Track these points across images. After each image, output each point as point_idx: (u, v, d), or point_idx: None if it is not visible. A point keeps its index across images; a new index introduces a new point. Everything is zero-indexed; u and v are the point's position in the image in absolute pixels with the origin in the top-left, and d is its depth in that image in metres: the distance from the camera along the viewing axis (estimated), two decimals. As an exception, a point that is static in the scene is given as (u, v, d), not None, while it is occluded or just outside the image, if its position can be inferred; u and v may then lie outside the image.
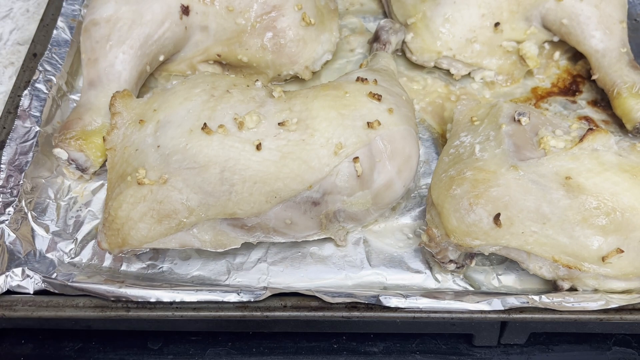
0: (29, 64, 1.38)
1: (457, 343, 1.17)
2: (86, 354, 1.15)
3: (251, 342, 1.16)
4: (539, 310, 1.04)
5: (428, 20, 1.41)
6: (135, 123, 1.15)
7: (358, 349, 1.16)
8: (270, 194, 1.06)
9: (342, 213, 1.13)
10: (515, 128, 1.12)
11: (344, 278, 1.16)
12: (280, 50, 1.36)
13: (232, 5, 1.34)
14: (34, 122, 1.26)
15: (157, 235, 1.07)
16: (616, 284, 1.06)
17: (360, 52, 1.52)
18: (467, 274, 1.16)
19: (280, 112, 1.12)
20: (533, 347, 1.16)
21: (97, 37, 1.29)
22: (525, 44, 1.41)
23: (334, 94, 1.14)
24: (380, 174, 1.10)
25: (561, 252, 1.04)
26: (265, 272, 1.17)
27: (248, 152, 1.06)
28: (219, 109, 1.11)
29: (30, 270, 1.08)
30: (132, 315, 1.04)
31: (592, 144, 1.07)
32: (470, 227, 1.03)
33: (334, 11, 1.46)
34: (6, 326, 1.12)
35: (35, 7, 1.64)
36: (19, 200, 1.18)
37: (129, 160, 1.12)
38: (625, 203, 1.02)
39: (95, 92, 1.27)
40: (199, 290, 1.06)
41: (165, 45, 1.33)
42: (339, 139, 1.08)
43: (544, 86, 1.46)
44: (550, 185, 1.04)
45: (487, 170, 1.06)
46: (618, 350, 1.16)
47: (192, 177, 1.06)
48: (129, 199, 1.07)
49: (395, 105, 1.14)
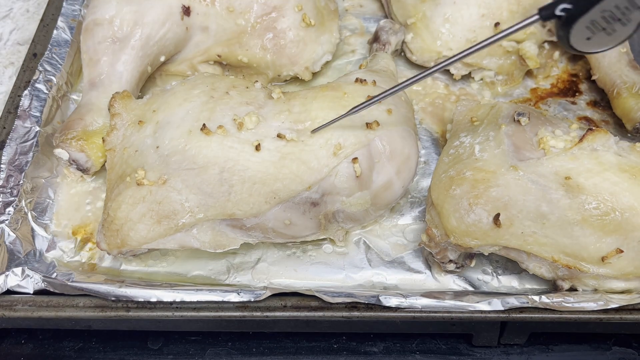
0: (29, 64, 1.38)
1: (457, 343, 1.17)
2: (86, 354, 1.15)
3: (251, 342, 1.17)
4: (539, 310, 1.04)
5: (428, 20, 1.41)
6: (135, 124, 1.15)
7: (358, 349, 1.16)
8: (270, 194, 1.06)
9: (341, 213, 1.13)
10: (514, 128, 1.12)
11: (344, 278, 1.16)
12: (281, 51, 1.36)
13: (232, 6, 1.34)
14: (34, 122, 1.27)
15: (156, 236, 1.07)
16: (616, 284, 1.06)
17: (360, 53, 1.52)
18: (466, 274, 1.16)
19: (280, 113, 1.12)
20: (533, 347, 1.16)
21: (98, 38, 1.29)
22: (525, 44, 1.41)
23: (333, 95, 1.14)
24: (379, 175, 1.11)
25: (561, 252, 1.04)
26: (265, 272, 1.17)
27: (247, 153, 1.06)
28: (218, 110, 1.11)
29: (30, 270, 1.09)
30: (132, 315, 1.05)
31: (591, 144, 1.07)
32: (469, 227, 1.03)
33: (334, 12, 1.46)
34: (6, 326, 1.12)
35: (35, 7, 1.65)
36: (19, 200, 1.18)
37: (128, 161, 1.12)
38: (624, 203, 1.02)
39: (97, 92, 1.27)
40: (199, 290, 1.06)
41: (166, 46, 1.33)
42: (337, 139, 1.08)
43: (544, 87, 1.46)
44: (549, 186, 1.04)
45: (486, 170, 1.06)
46: (618, 350, 1.16)
47: (192, 178, 1.06)
48: (128, 200, 1.07)
49: (394, 106, 1.14)
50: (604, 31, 0.91)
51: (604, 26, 0.90)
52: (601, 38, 0.92)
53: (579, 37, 0.91)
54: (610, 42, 0.93)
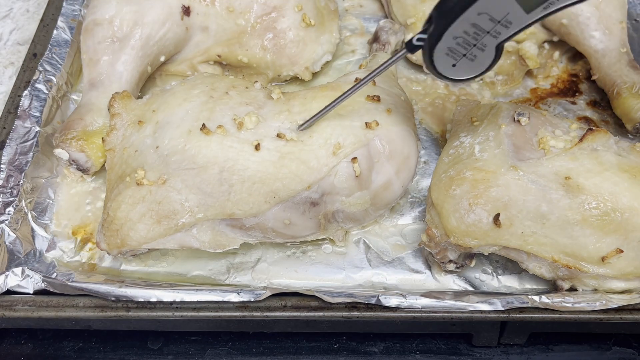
0: (29, 64, 1.38)
1: (457, 343, 1.17)
2: (86, 354, 1.15)
3: (251, 342, 1.17)
4: (539, 310, 1.04)
5: (428, 20, 1.41)
6: (135, 124, 1.15)
7: (358, 349, 1.16)
8: (269, 194, 1.06)
9: (341, 213, 1.13)
10: (514, 128, 1.12)
11: (344, 278, 1.16)
12: (280, 51, 1.36)
13: (232, 6, 1.34)
14: (34, 122, 1.27)
15: (156, 235, 1.07)
16: (616, 284, 1.06)
17: (360, 53, 1.52)
18: (466, 274, 1.16)
19: (280, 114, 1.12)
20: (533, 347, 1.16)
21: (98, 38, 1.29)
22: (524, 44, 1.41)
23: (333, 95, 1.13)
24: (379, 175, 1.11)
25: (561, 252, 1.04)
26: (265, 272, 1.17)
27: (247, 153, 1.06)
28: (217, 109, 1.11)
29: (30, 270, 1.08)
30: (132, 315, 1.05)
31: (591, 144, 1.07)
32: (469, 227, 1.03)
33: (334, 12, 1.46)
34: (6, 326, 1.12)
35: (35, 7, 1.65)
36: (19, 200, 1.18)
37: (128, 161, 1.12)
38: (624, 203, 1.02)
39: (97, 92, 1.27)
40: (199, 290, 1.06)
41: (166, 46, 1.33)
42: (337, 139, 1.08)
43: (544, 87, 1.46)
44: (549, 186, 1.04)
45: (486, 170, 1.06)
46: (618, 350, 1.16)
47: (191, 178, 1.06)
48: (128, 200, 1.07)
49: (394, 106, 1.14)
50: (465, 57, 0.95)
51: (464, 52, 0.94)
52: (466, 64, 0.96)
53: (444, 65, 0.96)
54: (477, 68, 0.97)
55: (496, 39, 0.92)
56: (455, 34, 0.91)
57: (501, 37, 0.92)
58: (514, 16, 0.89)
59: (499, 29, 0.90)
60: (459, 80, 1.00)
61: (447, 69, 0.97)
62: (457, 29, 0.90)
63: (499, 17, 0.89)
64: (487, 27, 0.90)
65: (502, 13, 0.88)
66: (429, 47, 0.94)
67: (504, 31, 0.91)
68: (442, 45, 0.93)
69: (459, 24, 0.89)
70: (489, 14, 0.88)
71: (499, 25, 0.90)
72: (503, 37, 0.92)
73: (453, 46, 0.93)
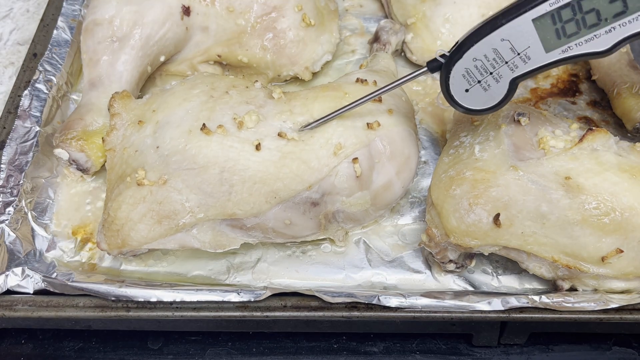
0: (29, 64, 1.38)
1: (457, 343, 1.17)
2: (86, 354, 1.15)
3: (251, 342, 1.17)
4: (539, 310, 1.04)
5: (428, 20, 1.41)
6: (135, 124, 1.15)
7: (358, 349, 1.16)
8: (270, 194, 1.06)
9: (341, 213, 1.13)
10: (514, 128, 1.12)
11: (344, 278, 1.16)
12: (280, 51, 1.36)
13: (232, 6, 1.34)
14: (34, 122, 1.27)
15: (157, 236, 1.07)
16: (616, 284, 1.06)
17: (360, 53, 1.52)
18: (466, 274, 1.16)
19: (281, 113, 1.12)
20: (533, 347, 1.16)
21: (98, 38, 1.29)
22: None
23: (334, 95, 1.14)
24: (380, 175, 1.11)
25: (561, 252, 1.04)
26: (265, 271, 1.17)
27: (247, 152, 1.06)
28: (217, 109, 1.11)
29: (30, 270, 1.09)
30: (132, 315, 1.05)
31: (591, 144, 1.07)
32: (469, 227, 1.03)
33: (334, 12, 1.46)
34: (6, 326, 1.12)
35: (35, 7, 1.65)
36: (19, 200, 1.18)
37: (128, 161, 1.12)
38: (624, 203, 1.02)
39: (97, 92, 1.27)
40: (199, 290, 1.06)
41: (166, 46, 1.33)
42: (338, 139, 1.08)
43: (544, 86, 1.46)
44: (549, 186, 1.04)
45: (486, 170, 1.06)
46: (618, 350, 1.16)
47: (192, 178, 1.06)
48: (128, 200, 1.07)
49: (395, 106, 1.15)
50: (480, 84, 0.98)
51: (479, 78, 0.97)
52: (479, 93, 0.99)
53: (458, 87, 0.99)
54: (488, 100, 1.00)
55: (512, 72, 0.95)
56: (475, 55, 0.94)
57: (517, 71, 0.95)
58: (534, 52, 0.92)
59: (517, 61, 0.94)
60: (467, 110, 1.02)
61: (460, 93, 1.00)
62: (478, 51, 0.94)
63: (520, 49, 0.92)
64: (506, 56, 0.93)
65: (523, 45, 0.92)
66: (449, 65, 0.97)
67: (521, 65, 0.94)
68: (461, 64, 0.96)
69: (482, 45, 0.93)
70: (511, 42, 0.92)
71: (517, 57, 0.93)
72: (519, 71, 0.95)
73: (471, 68, 0.96)
